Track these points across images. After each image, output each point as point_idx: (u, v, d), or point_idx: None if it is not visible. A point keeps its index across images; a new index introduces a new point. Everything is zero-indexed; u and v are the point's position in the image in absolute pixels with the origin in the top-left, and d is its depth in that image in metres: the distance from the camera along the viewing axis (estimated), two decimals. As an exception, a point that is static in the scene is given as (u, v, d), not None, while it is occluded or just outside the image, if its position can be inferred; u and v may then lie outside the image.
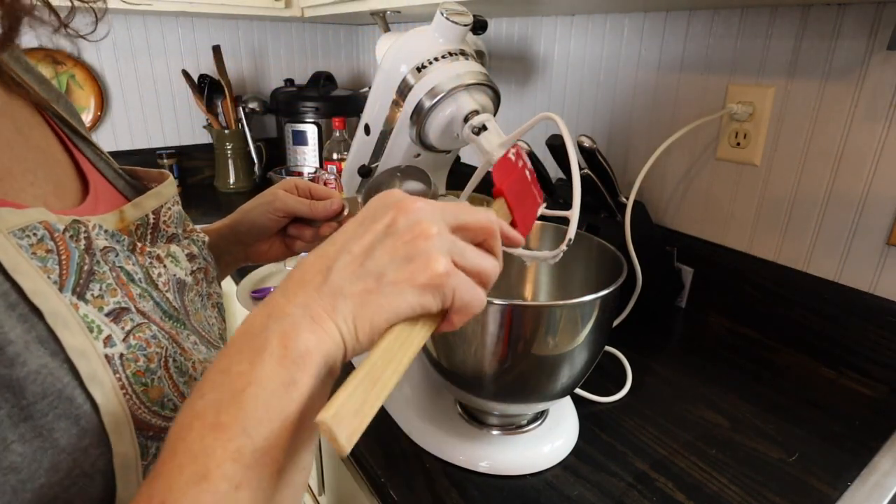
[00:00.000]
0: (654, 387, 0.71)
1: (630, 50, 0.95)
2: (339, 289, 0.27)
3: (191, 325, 0.40)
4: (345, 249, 0.28)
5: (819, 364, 0.76)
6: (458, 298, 0.29)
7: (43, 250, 0.28)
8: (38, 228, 0.29)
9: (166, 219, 0.42)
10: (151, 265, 0.38)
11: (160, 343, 0.33)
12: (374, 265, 0.28)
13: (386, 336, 0.28)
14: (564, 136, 0.45)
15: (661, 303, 0.90)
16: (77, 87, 1.38)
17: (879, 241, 0.70)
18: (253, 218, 0.57)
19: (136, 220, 0.39)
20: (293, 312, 0.26)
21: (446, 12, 0.53)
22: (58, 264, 0.29)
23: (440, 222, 0.29)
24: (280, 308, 0.26)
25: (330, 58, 1.76)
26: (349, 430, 0.24)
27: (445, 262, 0.28)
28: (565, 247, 0.44)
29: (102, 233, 0.34)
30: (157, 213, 0.41)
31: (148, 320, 0.33)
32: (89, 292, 0.30)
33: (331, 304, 0.27)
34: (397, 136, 0.59)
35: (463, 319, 0.30)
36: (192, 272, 0.43)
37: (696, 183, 0.90)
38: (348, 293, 0.27)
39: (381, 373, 0.26)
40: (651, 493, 0.53)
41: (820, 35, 0.71)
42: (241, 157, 1.54)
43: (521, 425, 0.59)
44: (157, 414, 0.30)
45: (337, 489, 0.74)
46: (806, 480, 0.55)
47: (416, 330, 0.29)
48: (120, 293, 0.32)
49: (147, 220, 0.40)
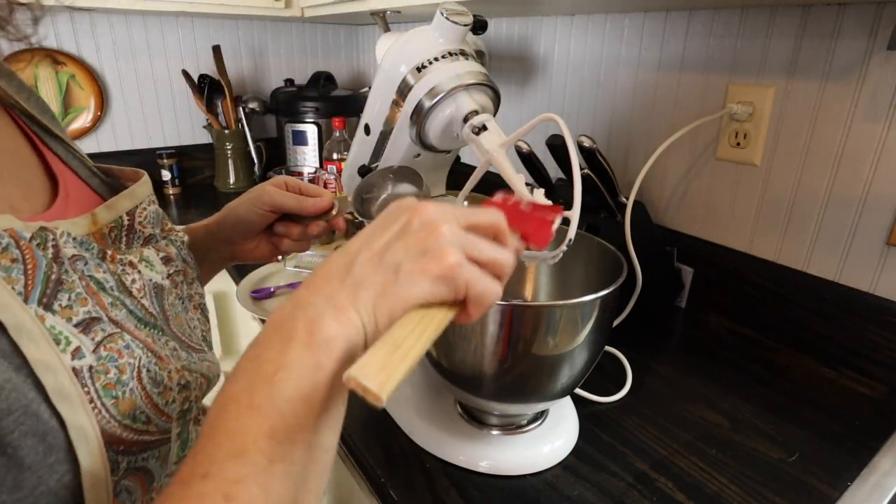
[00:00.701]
0: (654, 387, 0.71)
1: (630, 50, 0.95)
2: (360, 281, 0.29)
3: (170, 330, 0.39)
4: (365, 246, 0.30)
5: (819, 364, 0.76)
6: (472, 289, 0.30)
7: (8, 259, 0.28)
8: (3, 236, 0.28)
9: (142, 219, 0.41)
10: (124, 272, 0.36)
11: (133, 353, 0.32)
12: (392, 259, 0.29)
13: (404, 317, 0.29)
14: (566, 137, 0.45)
15: (661, 303, 0.90)
16: (77, 87, 1.38)
17: (879, 241, 0.70)
18: (239, 213, 0.56)
19: (109, 223, 0.38)
20: (317, 302, 0.28)
21: (446, 12, 0.53)
22: (23, 274, 0.28)
23: (452, 221, 0.30)
24: (305, 299, 0.28)
25: (330, 58, 1.76)
26: (377, 382, 0.25)
27: (457, 254, 0.29)
28: (565, 247, 0.44)
29: (70, 240, 0.32)
30: (131, 214, 0.40)
31: (121, 329, 0.32)
32: (57, 302, 0.29)
33: (353, 294, 0.28)
34: (397, 136, 0.59)
35: (479, 311, 0.31)
36: (170, 275, 0.42)
37: (696, 183, 0.90)
38: (369, 284, 0.29)
39: (401, 340, 0.28)
40: (651, 493, 0.53)
41: (820, 35, 0.71)
42: (241, 157, 1.54)
43: (521, 425, 0.59)
44: (127, 427, 0.30)
45: (337, 489, 0.74)
46: (806, 480, 0.55)
47: (434, 312, 0.30)
48: (90, 302, 0.31)
49: (121, 222, 0.39)
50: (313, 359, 0.26)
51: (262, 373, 0.26)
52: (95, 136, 1.44)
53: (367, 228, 0.31)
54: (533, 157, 0.86)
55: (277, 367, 0.26)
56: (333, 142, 1.34)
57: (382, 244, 0.30)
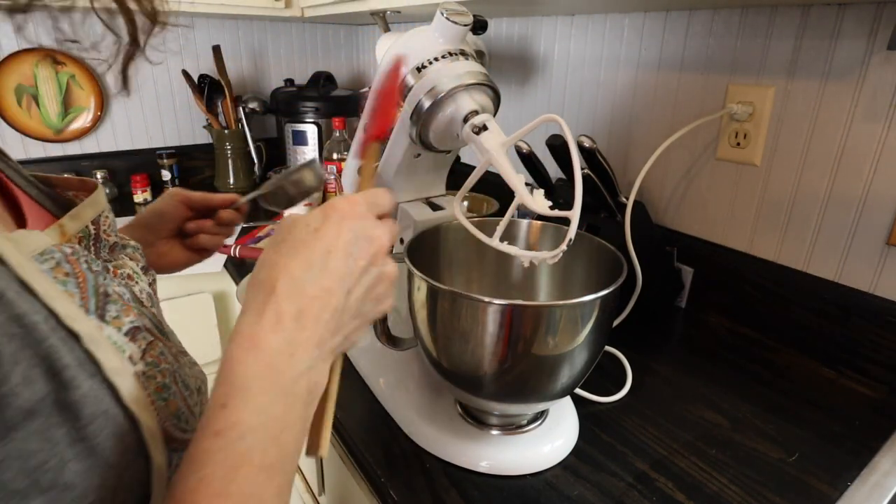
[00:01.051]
0: (654, 387, 0.71)
1: (630, 50, 0.95)
2: (342, 328, 0.33)
3: (174, 338, 0.40)
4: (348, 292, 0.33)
5: (819, 364, 0.76)
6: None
7: (62, 274, 0.28)
8: (55, 252, 0.28)
9: (106, 227, 0.39)
10: (129, 284, 0.36)
11: (167, 359, 0.33)
12: (365, 308, 0.34)
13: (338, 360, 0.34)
14: (567, 138, 0.45)
15: (661, 303, 0.90)
16: (77, 87, 1.38)
17: (879, 241, 0.70)
18: (155, 206, 0.59)
19: (77, 233, 0.35)
20: (313, 356, 0.31)
21: (446, 12, 0.53)
22: (77, 287, 0.29)
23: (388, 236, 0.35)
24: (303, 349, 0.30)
25: (330, 58, 1.76)
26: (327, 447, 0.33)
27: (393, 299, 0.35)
28: (565, 247, 0.44)
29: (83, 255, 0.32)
30: (96, 223, 0.38)
31: (154, 338, 0.33)
32: (108, 314, 0.30)
33: (335, 342, 0.32)
34: (397, 136, 0.59)
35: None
36: (150, 283, 0.41)
37: (696, 183, 0.90)
38: (348, 331, 0.33)
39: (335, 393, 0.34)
40: (651, 493, 0.53)
41: (820, 35, 0.71)
42: (241, 157, 1.54)
43: (521, 425, 0.59)
44: (177, 427, 0.32)
45: (337, 489, 0.74)
46: (806, 480, 0.55)
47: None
48: (133, 312, 0.32)
49: (89, 232, 0.37)
50: (306, 413, 0.31)
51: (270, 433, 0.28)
52: (95, 136, 1.44)
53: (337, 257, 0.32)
54: (533, 157, 0.86)
55: (283, 427, 0.29)
56: (333, 142, 1.34)
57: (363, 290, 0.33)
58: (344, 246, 0.32)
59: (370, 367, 0.70)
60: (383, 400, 0.66)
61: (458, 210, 0.52)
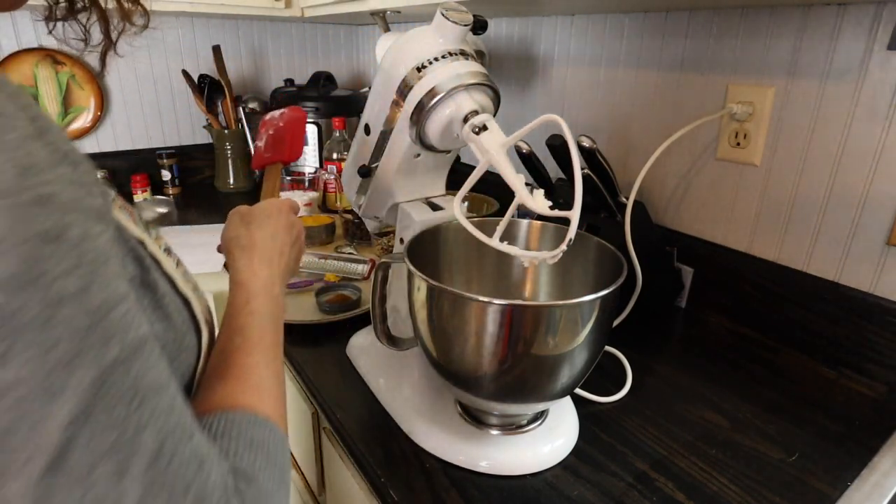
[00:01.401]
0: (654, 387, 0.71)
1: (630, 50, 0.95)
2: (289, 265, 0.54)
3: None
4: (290, 247, 0.55)
5: (819, 364, 0.76)
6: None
7: (118, 206, 0.36)
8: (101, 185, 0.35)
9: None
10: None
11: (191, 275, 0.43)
12: (294, 255, 0.56)
13: None
14: (567, 138, 0.45)
15: (661, 303, 0.90)
16: (77, 87, 1.38)
17: (879, 241, 0.70)
18: None
19: None
20: (279, 278, 0.51)
21: (446, 12, 0.53)
22: (129, 214, 0.37)
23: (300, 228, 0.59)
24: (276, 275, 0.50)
25: (330, 58, 1.76)
26: None
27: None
28: (565, 247, 0.44)
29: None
30: None
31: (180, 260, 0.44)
32: (151, 234, 0.38)
33: (286, 271, 0.53)
34: (397, 136, 0.59)
35: None
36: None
37: (696, 183, 0.90)
38: (290, 266, 0.55)
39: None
40: (651, 493, 0.53)
41: (820, 35, 0.71)
42: (241, 157, 1.53)
43: (521, 425, 0.59)
44: (207, 322, 0.41)
45: (337, 489, 0.74)
46: (806, 480, 0.55)
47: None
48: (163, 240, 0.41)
49: None
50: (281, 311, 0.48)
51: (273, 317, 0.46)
52: (95, 136, 1.44)
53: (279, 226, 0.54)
54: (533, 157, 0.86)
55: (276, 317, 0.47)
56: (333, 142, 1.34)
57: (291, 248, 0.55)
58: (285, 226, 0.55)
59: (370, 367, 0.70)
60: (383, 400, 0.66)
61: (458, 210, 0.52)
